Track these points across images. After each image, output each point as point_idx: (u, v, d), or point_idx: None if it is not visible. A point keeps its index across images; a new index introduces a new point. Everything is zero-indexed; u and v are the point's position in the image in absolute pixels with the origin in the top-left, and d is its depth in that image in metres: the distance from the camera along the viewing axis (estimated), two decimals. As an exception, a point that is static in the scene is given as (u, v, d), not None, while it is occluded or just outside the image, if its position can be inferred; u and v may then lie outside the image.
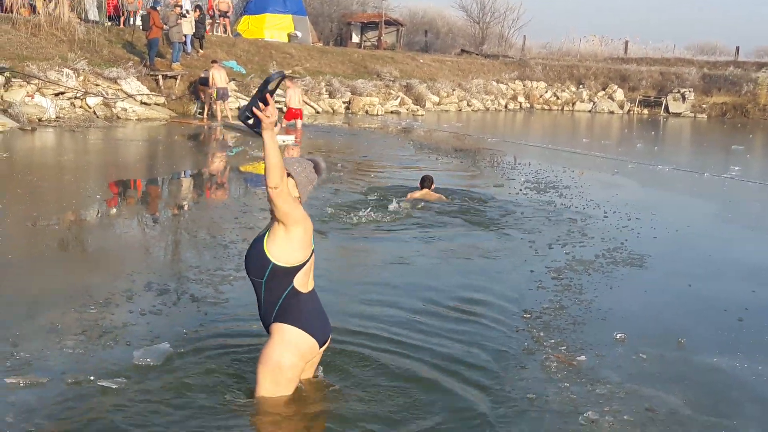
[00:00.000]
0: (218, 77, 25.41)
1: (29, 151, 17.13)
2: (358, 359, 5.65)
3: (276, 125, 4.38)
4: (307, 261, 4.62)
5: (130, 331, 6.04)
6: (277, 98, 27.06)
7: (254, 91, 4.56)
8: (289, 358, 4.59)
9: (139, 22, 30.13)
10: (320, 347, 4.76)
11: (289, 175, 4.53)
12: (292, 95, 24.12)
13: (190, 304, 6.83)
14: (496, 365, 5.75)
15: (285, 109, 24.28)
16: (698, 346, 6.52)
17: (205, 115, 26.29)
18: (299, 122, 24.46)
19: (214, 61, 26.56)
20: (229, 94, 26.38)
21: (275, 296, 4.62)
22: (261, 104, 4.32)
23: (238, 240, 9.31)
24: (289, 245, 4.54)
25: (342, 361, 5.55)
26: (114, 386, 4.93)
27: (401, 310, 7.01)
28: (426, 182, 12.99)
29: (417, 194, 12.78)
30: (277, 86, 4.46)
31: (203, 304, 6.84)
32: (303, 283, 4.63)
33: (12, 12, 26.83)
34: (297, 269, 4.58)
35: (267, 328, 4.71)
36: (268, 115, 4.28)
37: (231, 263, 8.26)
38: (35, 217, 10.00)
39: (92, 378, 5.04)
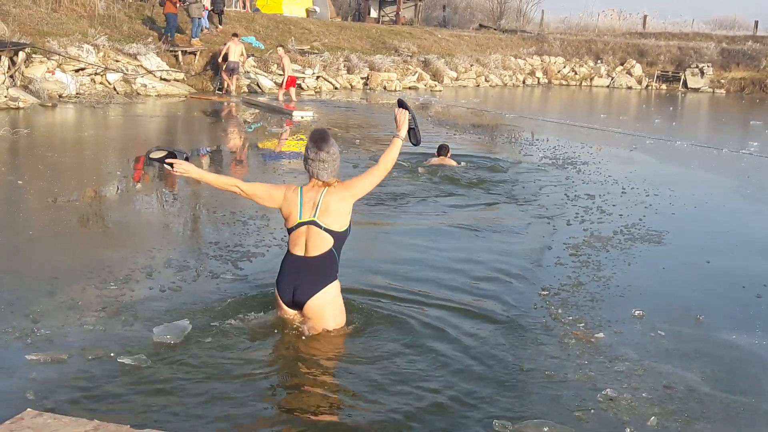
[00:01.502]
0: (233, 51, 25.58)
1: (50, 127, 17.21)
2: (374, 334, 5.68)
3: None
4: (292, 230, 5.41)
5: (149, 308, 6.08)
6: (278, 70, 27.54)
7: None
8: None
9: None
10: (284, 303, 5.51)
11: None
12: (287, 64, 24.72)
13: (210, 281, 6.87)
14: (514, 342, 5.76)
15: (285, 78, 24.81)
16: (716, 323, 6.51)
17: (224, 91, 26.35)
18: (293, 90, 25.12)
19: (234, 35, 26.58)
20: (240, 69, 26.59)
21: None
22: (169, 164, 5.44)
23: (257, 216, 9.34)
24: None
25: (357, 337, 5.59)
26: (134, 363, 4.97)
27: (417, 284, 7.02)
28: (443, 150, 13.46)
29: (434, 161, 13.03)
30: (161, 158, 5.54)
31: (223, 280, 6.87)
32: (292, 245, 5.45)
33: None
34: (287, 232, 5.47)
35: None
36: (177, 170, 5.39)
37: (250, 239, 8.30)
38: (56, 193, 10.05)
39: (112, 355, 5.08)
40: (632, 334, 6.10)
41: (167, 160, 5.44)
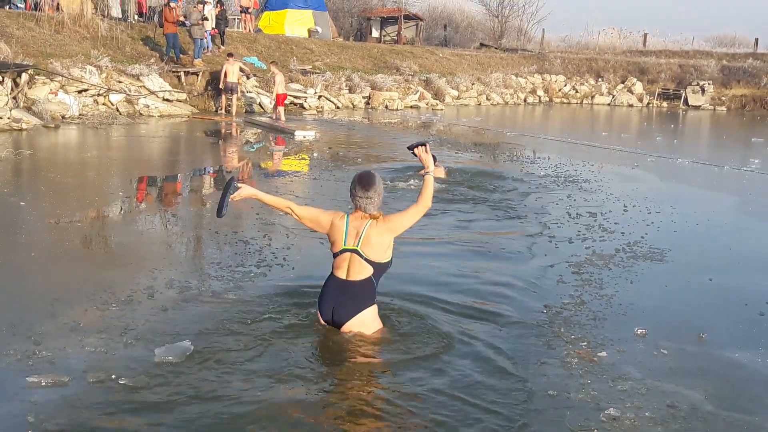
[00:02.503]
0: (230, 71, 25.72)
1: (52, 148, 17.24)
2: (371, 353, 5.67)
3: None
4: (337, 255, 5.79)
5: (151, 329, 6.07)
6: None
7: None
8: None
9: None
10: (324, 321, 5.90)
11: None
12: (280, 81, 25.36)
13: (212, 301, 6.85)
14: (517, 361, 5.74)
15: (274, 96, 25.57)
16: (719, 341, 6.50)
17: (223, 111, 26.43)
18: (281, 109, 25.61)
19: (229, 55, 26.69)
20: (238, 89, 26.68)
21: None
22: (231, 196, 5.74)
23: (259, 236, 9.35)
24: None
25: (349, 356, 5.59)
26: (135, 384, 4.96)
27: (417, 301, 7.00)
28: None
29: (421, 172, 13.32)
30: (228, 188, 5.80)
31: (224, 300, 6.86)
32: (336, 268, 5.84)
33: (37, 10, 27.00)
34: (332, 257, 5.85)
35: None
36: (238, 198, 5.76)
37: (252, 259, 8.30)
38: (58, 214, 10.07)
39: (114, 376, 5.07)
40: (635, 353, 6.09)
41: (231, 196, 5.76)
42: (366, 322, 5.81)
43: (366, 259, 5.72)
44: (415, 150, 6.03)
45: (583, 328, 6.58)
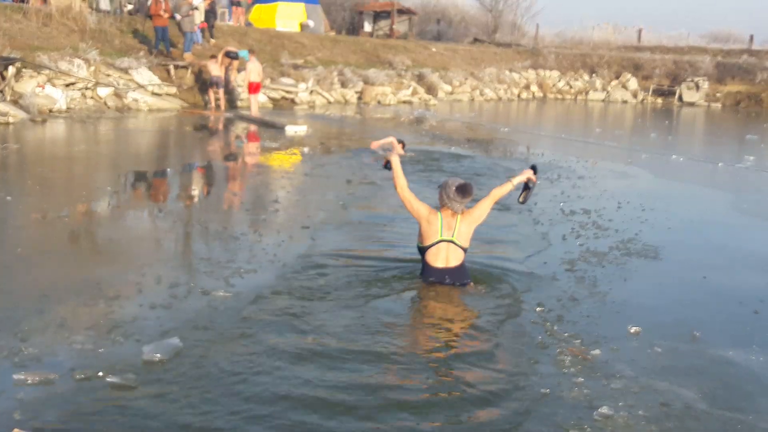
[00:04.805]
0: (212, 66, 25.57)
1: (39, 143, 17.13)
2: (362, 354, 5.62)
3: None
4: (431, 246, 7.06)
5: (139, 326, 6.00)
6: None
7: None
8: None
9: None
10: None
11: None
12: (252, 69, 24.97)
13: (201, 298, 6.78)
14: (509, 359, 5.71)
15: (246, 84, 25.43)
16: (713, 339, 6.45)
17: (213, 105, 26.28)
18: (257, 97, 25.55)
19: (212, 56, 26.42)
20: (222, 82, 26.41)
21: None
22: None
23: (249, 232, 9.29)
24: (420, 232, 7.17)
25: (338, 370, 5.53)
26: (123, 382, 4.90)
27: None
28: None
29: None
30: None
31: (213, 297, 6.79)
32: (431, 259, 7.11)
33: (25, 2, 26.84)
34: (423, 250, 7.15)
35: None
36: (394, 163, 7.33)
37: (242, 255, 8.23)
38: (45, 210, 9.97)
39: (101, 374, 5.00)
40: (628, 351, 6.04)
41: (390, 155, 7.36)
42: None
43: (460, 247, 7.06)
44: (528, 170, 7.63)
45: (577, 326, 6.53)
